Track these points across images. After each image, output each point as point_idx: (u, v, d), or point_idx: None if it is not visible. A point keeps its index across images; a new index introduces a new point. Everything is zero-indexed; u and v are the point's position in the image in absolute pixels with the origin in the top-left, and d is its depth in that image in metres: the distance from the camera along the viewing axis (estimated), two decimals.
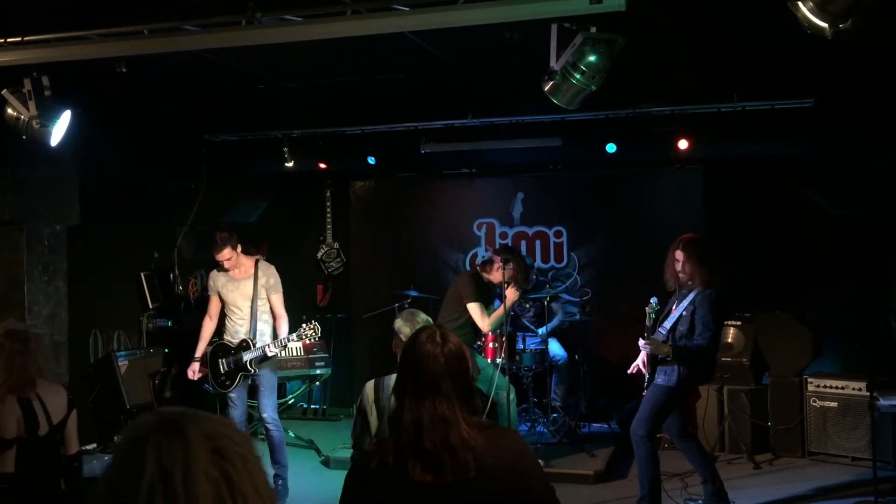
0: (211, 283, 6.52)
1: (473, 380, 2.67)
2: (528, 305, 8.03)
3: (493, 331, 6.80)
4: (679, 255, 5.51)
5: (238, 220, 8.93)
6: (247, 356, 6.27)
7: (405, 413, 2.25)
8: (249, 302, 6.37)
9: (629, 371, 5.71)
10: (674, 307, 5.58)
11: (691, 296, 5.47)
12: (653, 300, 5.54)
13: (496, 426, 2.49)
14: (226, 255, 6.27)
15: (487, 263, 6.90)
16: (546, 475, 2.40)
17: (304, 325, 6.17)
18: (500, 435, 2.35)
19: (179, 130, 8.14)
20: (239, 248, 6.36)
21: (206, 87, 6.77)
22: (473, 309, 6.62)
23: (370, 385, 3.80)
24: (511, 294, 6.60)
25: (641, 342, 5.48)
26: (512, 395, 6.62)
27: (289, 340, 6.28)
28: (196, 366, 6.44)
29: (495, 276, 6.73)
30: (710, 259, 5.49)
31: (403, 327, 3.92)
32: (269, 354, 6.27)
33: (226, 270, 6.42)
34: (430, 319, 3.94)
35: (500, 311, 6.68)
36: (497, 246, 6.96)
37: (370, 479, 2.27)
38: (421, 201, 9.37)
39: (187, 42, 4.59)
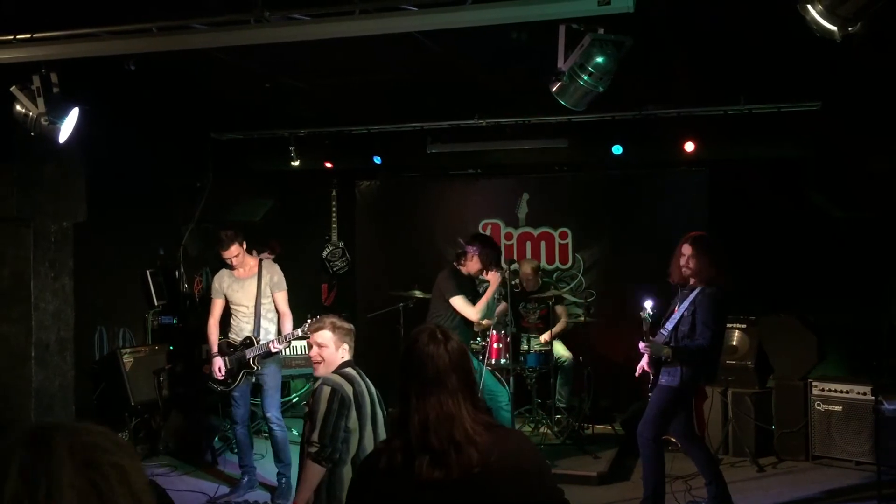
0: (216, 284, 6.53)
1: None
2: (532, 306, 8.04)
3: (487, 317, 6.75)
4: (686, 249, 5.51)
5: (243, 219, 8.95)
6: (250, 353, 6.28)
7: (412, 414, 2.25)
8: (254, 301, 6.38)
9: (636, 374, 5.71)
10: (676, 307, 5.58)
11: (692, 295, 5.47)
12: (647, 304, 5.51)
13: (504, 427, 2.49)
14: (234, 251, 6.30)
15: (461, 256, 6.89)
16: (555, 478, 2.40)
17: (309, 320, 6.13)
18: (507, 435, 2.35)
19: (186, 128, 8.16)
20: (244, 246, 6.38)
21: (213, 85, 6.79)
22: (457, 302, 6.59)
23: (340, 379, 3.90)
24: (493, 277, 6.59)
25: (641, 345, 5.49)
26: (507, 400, 6.62)
27: (293, 336, 6.26)
28: (219, 360, 6.37)
29: (471, 266, 6.73)
30: (717, 257, 5.49)
31: (345, 324, 4.16)
32: (274, 350, 6.27)
33: (231, 269, 6.43)
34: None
35: (485, 296, 6.65)
36: (471, 239, 6.95)
37: (378, 478, 2.27)
38: (426, 201, 9.38)
39: (196, 40, 4.60)
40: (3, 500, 1.20)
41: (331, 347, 4.06)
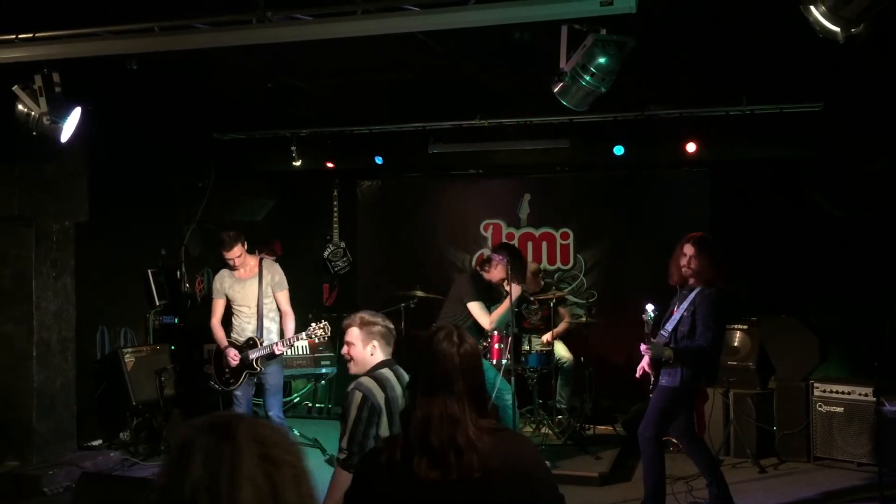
0: (217, 285, 6.53)
1: None
2: (534, 307, 8.03)
3: (498, 328, 6.77)
4: (689, 249, 5.50)
5: (245, 219, 8.95)
6: (253, 354, 6.29)
7: (416, 409, 2.26)
8: (256, 301, 6.39)
9: (637, 375, 5.71)
10: (675, 308, 5.58)
11: (691, 295, 5.47)
12: (648, 307, 5.51)
13: (507, 430, 2.49)
14: (236, 252, 6.30)
15: (486, 262, 6.90)
16: (556, 484, 2.40)
17: (313, 325, 6.13)
18: (510, 439, 2.35)
19: (188, 128, 8.16)
20: (246, 247, 6.39)
21: (215, 85, 6.79)
22: (474, 308, 6.60)
23: (371, 383, 3.73)
24: (514, 290, 6.59)
25: (643, 347, 5.49)
26: (511, 398, 6.61)
27: (296, 339, 6.27)
28: (230, 349, 6.35)
29: (495, 273, 6.73)
30: (717, 258, 5.49)
31: (380, 321, 3.97)
32: (277, 353, 6.28)
33: (232, 269, 6.43)
34: (391, 325, 4.00)
35: (503, 307, 6.66)
36: (499, 248, 6.99)
37: (378, 474, 2.28)
38: (428, 202, 9.37)
39: (198, 40, 4.60)
40: (185, 484, 1.21)
41: (358, 346, 3.90)
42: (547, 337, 7.75)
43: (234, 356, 6.32)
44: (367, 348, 3.91)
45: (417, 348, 2.41)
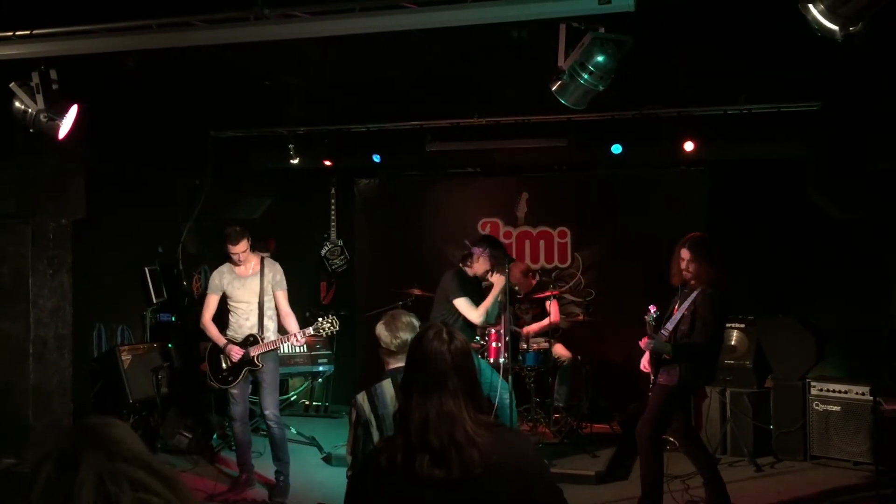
0: (216, 280, 6.50)
1: None
2: (525, 306, 8.02)
3: (488, 321, 6.74)
4: (685, 253, 5.52)
5: (242, 217, 8.94)
6: (255, 351, 6.27)
7: (413, 411, 2.26)
8: (256, 298, 6.38)
9: (641, 367, 5.71)
10: (676, 307, 5.60)
11: (693, 296, 5.49)
12: (651, 309, 5.54)
13: (504, 426, 2.50)
14: (241, 247, 6.30)
15: (468, 257, 6.89)
16: (554, 478, 2.40)
17: (320, 319, 6.14)
18: (508, 435, 2.36)
19: (185, 126, 8.14)
20: (250, 242, 6.39)
21: (213, 82, 6.78)
22: (461, 304, 6.58)
23: (363, 397, 3.69)
24: (498, 280, 6.58)
25: (644, 341, 5.50)
26: (511, 397, 6.61)
27: (304, 335, 6.26)
28: (233, 346, 6.32)
29: (478, 267, 6.73)
30: (715, 259, 5.50)
31: (382, 332, 3.76)
32: (297, 344, 6.37)
33: (234, 265, 6.42)
34: (414, 320, 3.80)
35: (489, 299, 6.63)
36: (478, 241, 6.97)
37: (379, 476, 2.27)
38: (425, 200, 9.37)
39: (195, 37, 4.59)
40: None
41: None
42: (528, 328, 7.71)
43: (237, 352, 6.30)
44: (383, 357, 3.85)
45: (409, 349, 2.41)
